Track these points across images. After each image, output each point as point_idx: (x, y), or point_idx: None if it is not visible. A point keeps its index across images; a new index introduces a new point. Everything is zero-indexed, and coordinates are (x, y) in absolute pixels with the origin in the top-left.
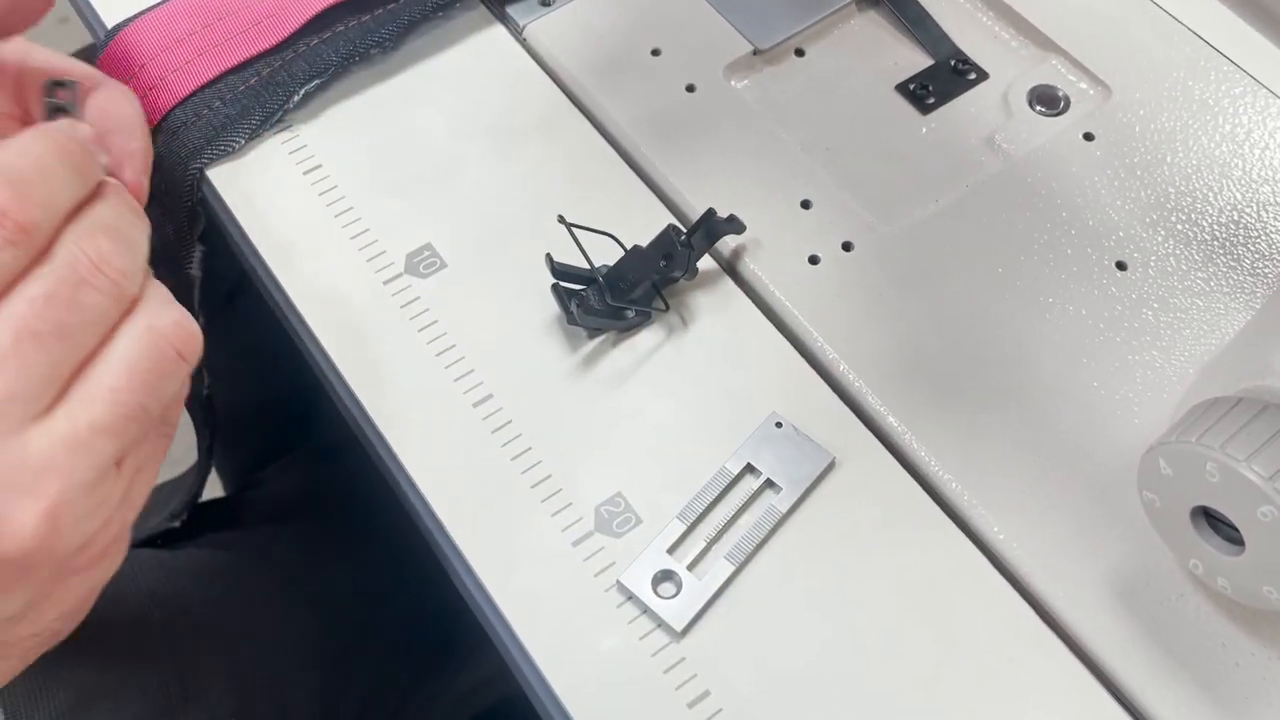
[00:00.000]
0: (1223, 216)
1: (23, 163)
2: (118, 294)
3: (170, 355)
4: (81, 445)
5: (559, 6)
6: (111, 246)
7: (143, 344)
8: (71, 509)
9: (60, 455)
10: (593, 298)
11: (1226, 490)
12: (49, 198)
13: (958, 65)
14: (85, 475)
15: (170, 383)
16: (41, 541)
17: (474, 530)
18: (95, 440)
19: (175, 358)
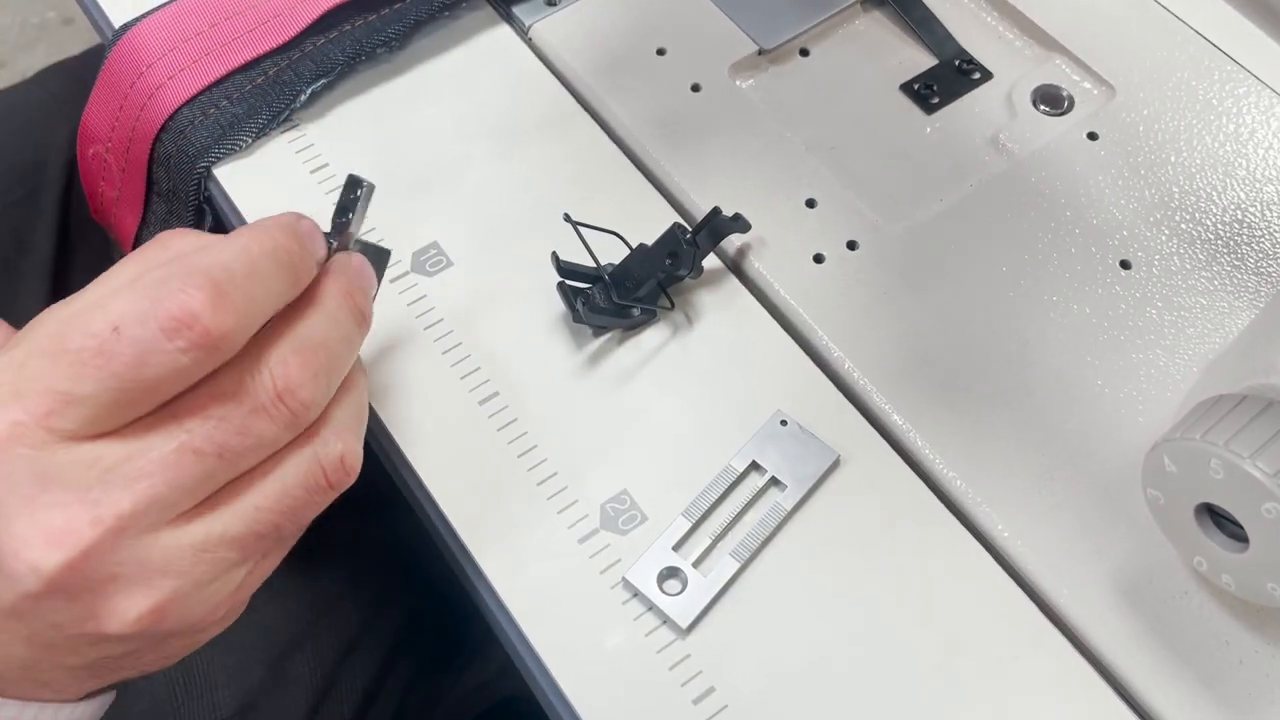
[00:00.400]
0: (1226, 216)
1: (233, 262)
2: (293, 425)
3: (322, 486)
4: (208, 553)
5: (564, 6)
6: (302, 375)
7: (302, 473)
8: (180, 605)
9: (185, 559)
10: (598, 296)
11: (1231, 487)
12: (249, 304)
13: (962, 65)
14: (203, 578)
15: (313, 510)
16: (144, 629)
17: (480, 527)
18: (223, 550)
19: (325, 488)
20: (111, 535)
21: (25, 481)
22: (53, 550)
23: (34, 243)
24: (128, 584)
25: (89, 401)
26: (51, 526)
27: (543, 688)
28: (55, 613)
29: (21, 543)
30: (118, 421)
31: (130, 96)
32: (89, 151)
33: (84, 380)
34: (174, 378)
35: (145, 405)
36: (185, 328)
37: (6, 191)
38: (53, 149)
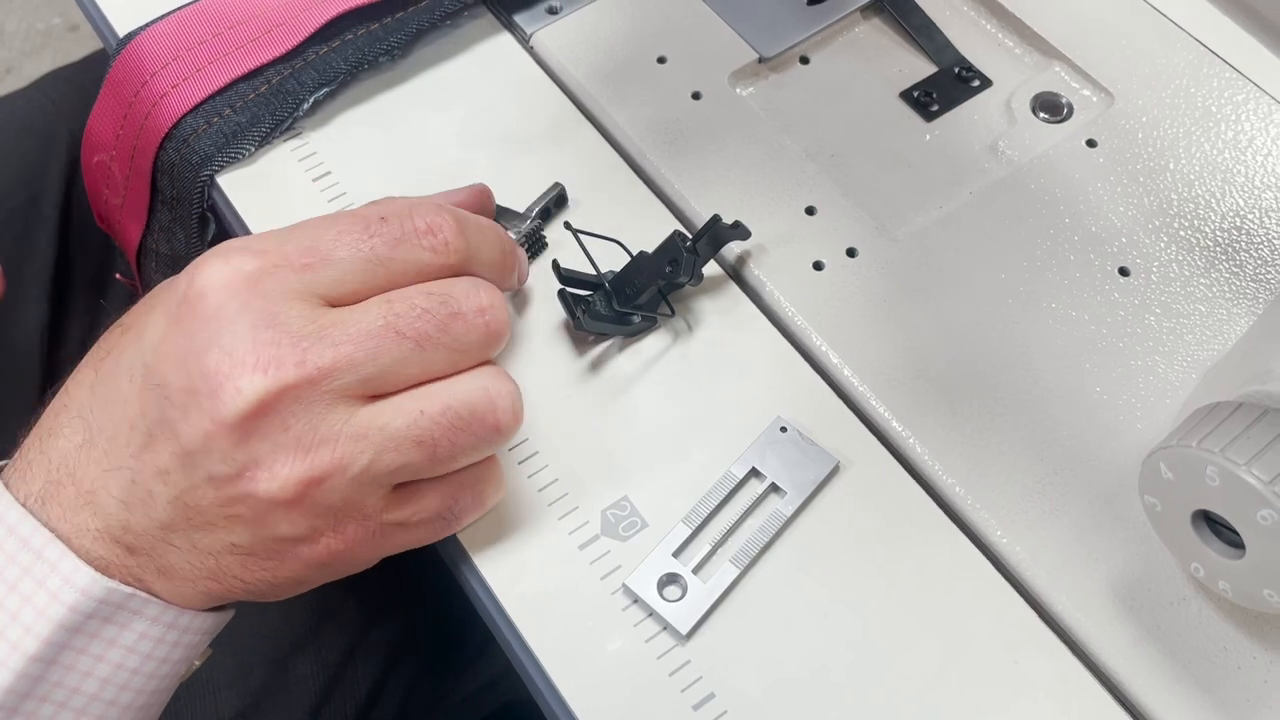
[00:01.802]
0: (1225, 223)
1: (472, 216)
2: (482, 341)
3: (488, 421)
4: (363, 441)
5: (566, 14)
6: (497, 308)
7: (473, 394)
8: (329, 486)
9: (346, 435)
10: (599, 303)
11: (1227, 494)
12: (478, 244)
13: (961, 72)
14: (354, 464)
15: (469, 439)
16: (290, 497)
17: (481, 534)
18: (379, 439)
19: (490, 426)
20: (307, 383)
21: (260, 314)
22: (260, 377)
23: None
24: (294, 445)
25: (340, 265)
26: (266, 357)
27: (544, 694)
28: (221, 458)
29: (238, 363)
30: (353, 293)
31: (134, 105)
32: (93, 159)
33: (343, 245)
34: (414, 268)
35: (381, 284)
36: (433, 232)
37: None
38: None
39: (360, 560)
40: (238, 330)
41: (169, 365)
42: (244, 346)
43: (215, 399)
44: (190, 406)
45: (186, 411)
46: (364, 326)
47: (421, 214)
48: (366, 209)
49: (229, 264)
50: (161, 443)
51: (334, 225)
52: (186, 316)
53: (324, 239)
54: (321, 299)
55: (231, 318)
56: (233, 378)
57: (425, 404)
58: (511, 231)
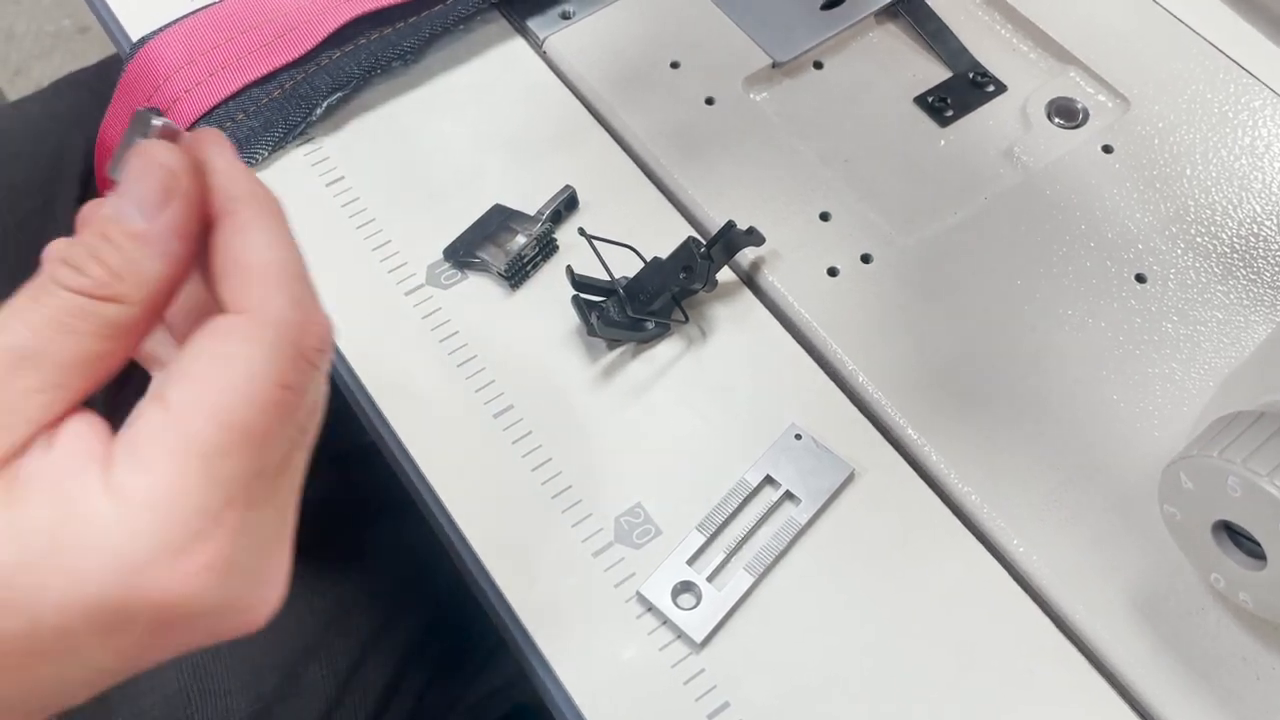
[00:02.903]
0: (1242, 229)
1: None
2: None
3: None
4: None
5: (579, 19)
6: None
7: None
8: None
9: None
10: (613, 309)
11: (1249, 505)
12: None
13: (976, 78)
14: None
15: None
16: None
17: (494, 541)
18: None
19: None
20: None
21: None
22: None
23: None
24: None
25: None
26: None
27: (556, 701)
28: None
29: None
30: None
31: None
32: (107, 164)
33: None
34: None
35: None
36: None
37: (24, 201)
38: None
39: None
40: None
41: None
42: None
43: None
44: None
45: None
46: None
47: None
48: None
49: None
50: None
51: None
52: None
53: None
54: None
55: None
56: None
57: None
58: (522, 235)
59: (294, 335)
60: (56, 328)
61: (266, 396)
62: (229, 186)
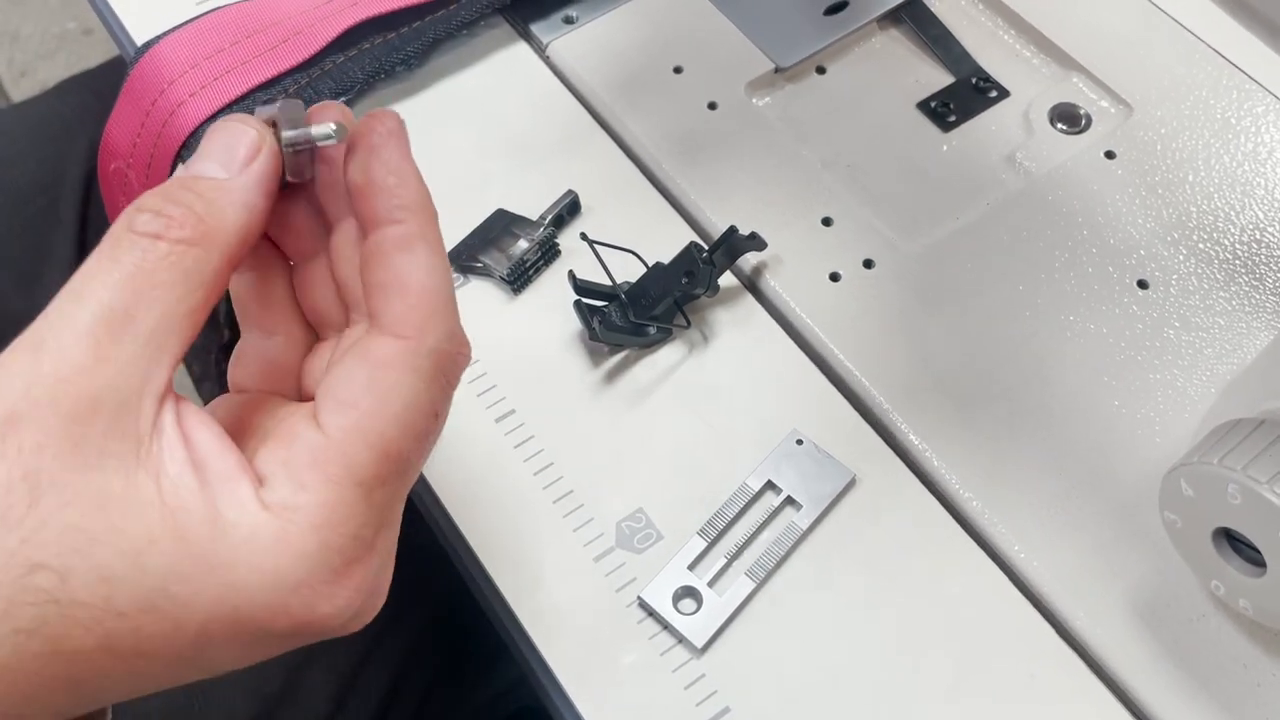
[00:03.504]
0: (1245, 235)
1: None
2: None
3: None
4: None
5: (582, 24)
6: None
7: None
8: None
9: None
10: (615, 314)
11: (1248, 512)
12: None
13: (979, 83)
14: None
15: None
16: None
17: (496, 545)
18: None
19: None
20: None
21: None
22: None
23: (54, 252)
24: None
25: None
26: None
27: (558, 706)
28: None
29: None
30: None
31: (152, 113)
32: (110, 167)
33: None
34: None
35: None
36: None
37: (28, 202)
38: (72, 160)
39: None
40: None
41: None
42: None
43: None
44: None
45: None
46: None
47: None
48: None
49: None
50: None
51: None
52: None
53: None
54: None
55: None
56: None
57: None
58: (524, 240)
59: (447, 365)
60: (143, 282)
61: (421, 426)
62: (399, 190)
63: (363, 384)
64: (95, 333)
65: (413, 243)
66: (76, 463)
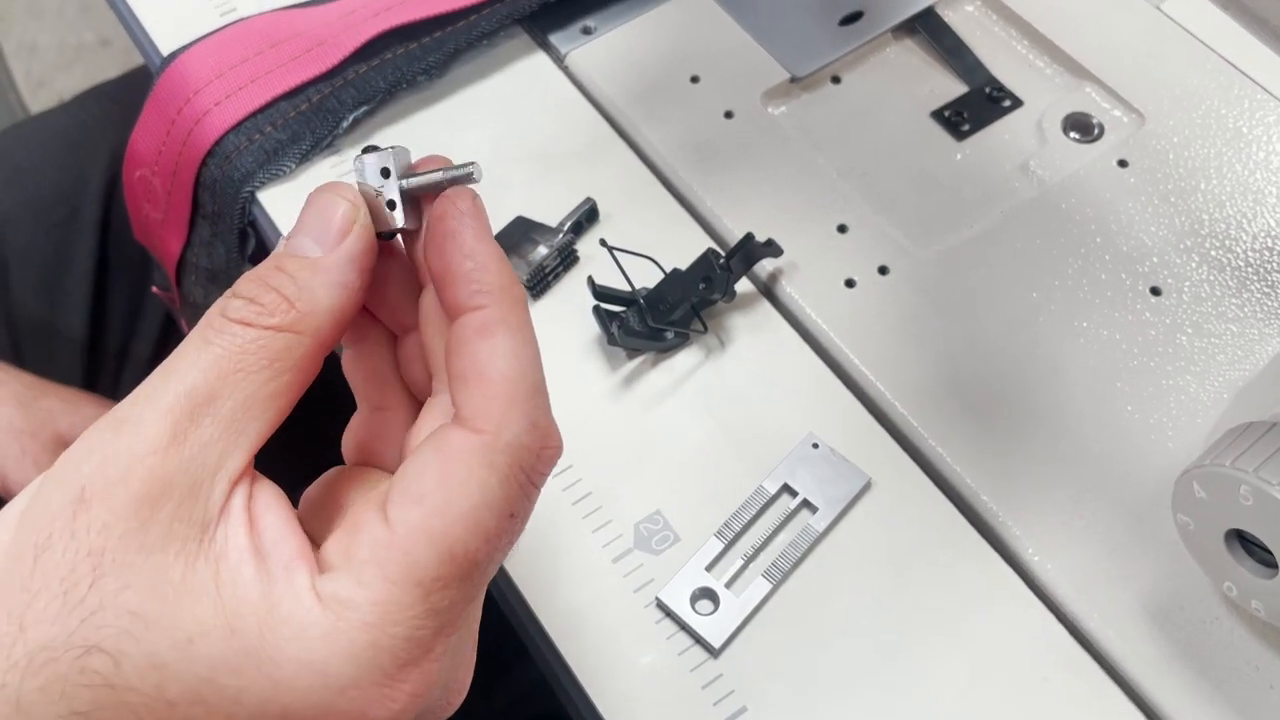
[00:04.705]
0: (1257, 243)
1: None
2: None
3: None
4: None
5: (600, 35)
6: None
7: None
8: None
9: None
10: (633, 319)
11: (1260, 514)
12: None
13: (992, 92)
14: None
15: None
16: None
17: (517, 546)
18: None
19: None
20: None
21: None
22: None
23: (75, 260)
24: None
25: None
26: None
27: (577, 705)
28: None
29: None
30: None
31: (177, 122)
32: (135, 174)
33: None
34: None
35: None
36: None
37: (50, 210)
38: (93, 169)
39: None
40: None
41: None
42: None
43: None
44: None
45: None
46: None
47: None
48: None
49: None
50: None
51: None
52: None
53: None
54: None
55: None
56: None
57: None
58: (544, 246)
59: (528, 461)
60: (229, 366)
61: (492, 527)
62: (479, 274)
63: (433, 480)
64: (175, 413)
65: (493, 329)
66: (141, 544)
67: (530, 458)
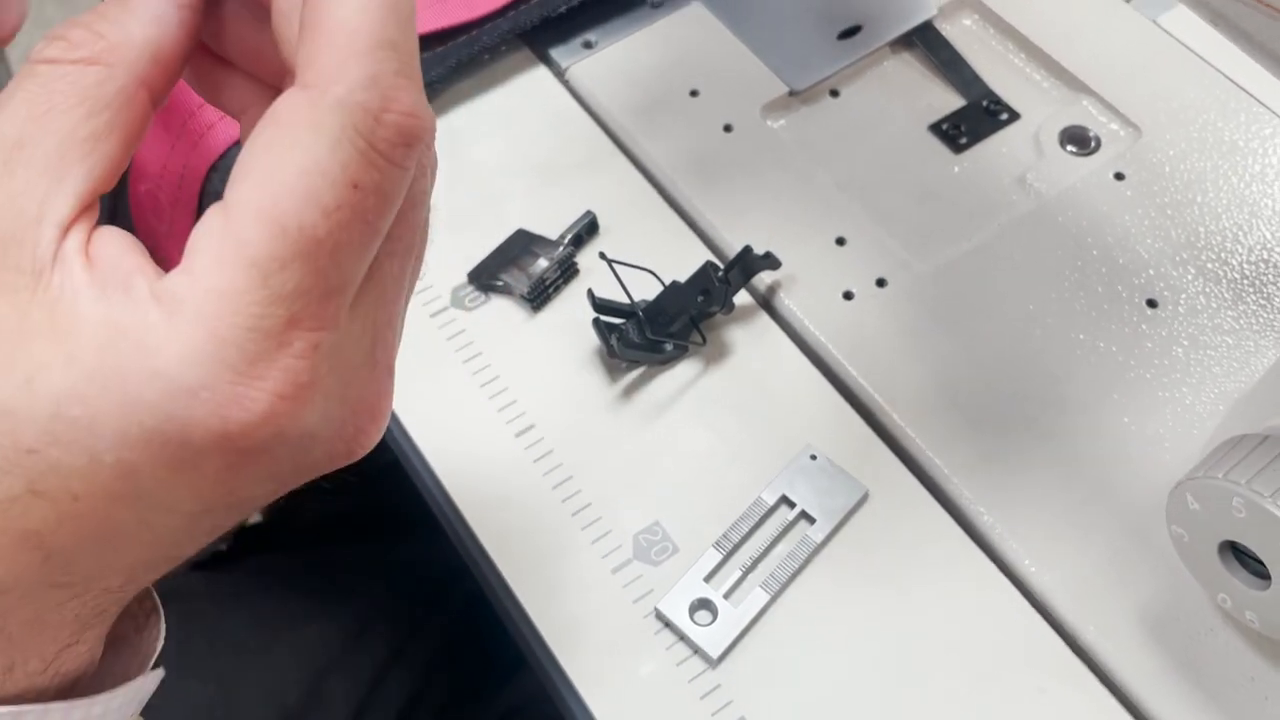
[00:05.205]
0: (1252, 255)
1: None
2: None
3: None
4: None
5: (601, 49)
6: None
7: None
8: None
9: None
10: (632, 331)
11: (1253, 525)
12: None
13: (990, 106)
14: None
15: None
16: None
17: (516, 557)
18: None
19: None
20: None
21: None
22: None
23: None
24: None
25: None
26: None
27: (576, 715)
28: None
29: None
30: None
31: (182, 135)
32: (140, 188)
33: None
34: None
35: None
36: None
37: None
38: None
39: None
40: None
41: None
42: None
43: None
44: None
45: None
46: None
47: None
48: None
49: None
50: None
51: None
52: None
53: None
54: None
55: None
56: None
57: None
58: (544, 259)
59: (365, 124)
60: (38, 108)
61: (328, 197)
62: None
63: (260, 148)
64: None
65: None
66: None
67: (368, 120)
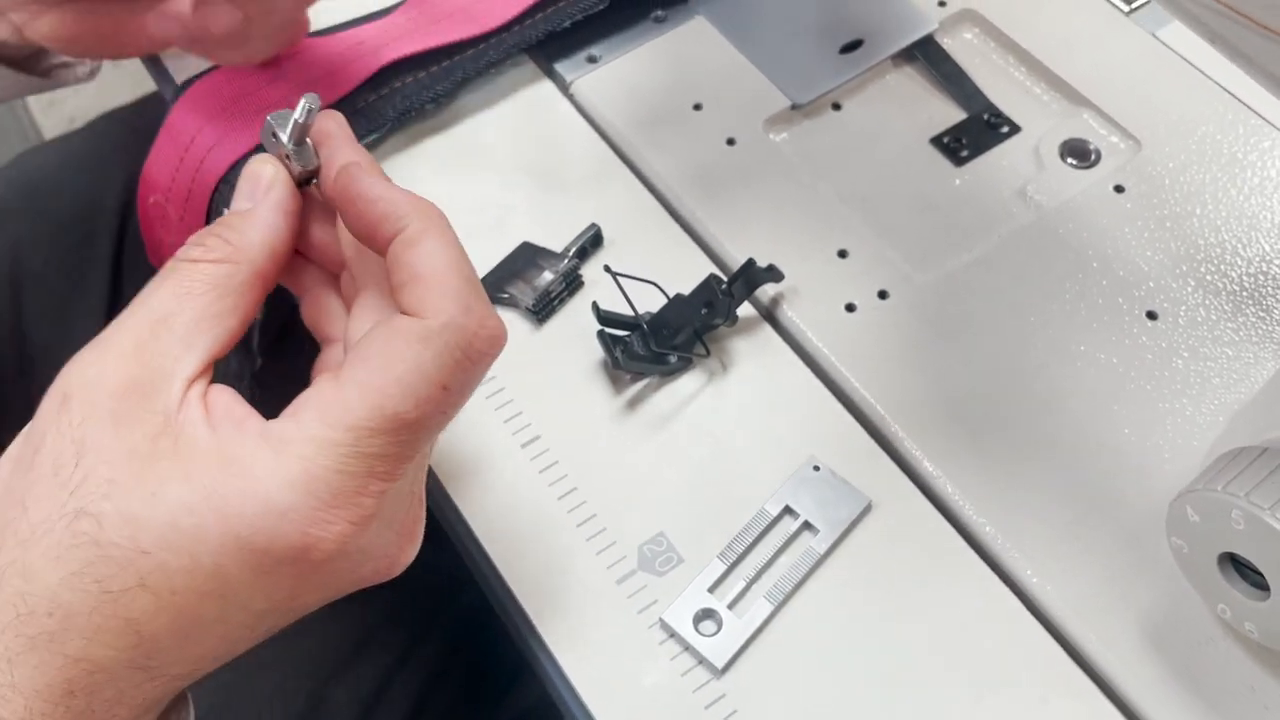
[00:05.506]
0: (1252, 267)
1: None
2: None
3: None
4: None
5: (605, 63)
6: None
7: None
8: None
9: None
10: (637, 344)
11: (1252, 537)
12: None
13: (990, 119)
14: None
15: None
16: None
17: (521, 567)
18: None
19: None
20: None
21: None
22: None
23: (90, 283)
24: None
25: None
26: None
27: None
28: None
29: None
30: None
31: (191, 149)
32: (149, 200)
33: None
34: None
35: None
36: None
37: (64, 233)
38: (108, 193)
39: None
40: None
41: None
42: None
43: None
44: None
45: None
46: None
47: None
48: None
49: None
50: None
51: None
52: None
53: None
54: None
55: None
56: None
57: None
58: (549, 271)
59: (464, 340)
60: (180, 292)
61: (424, 393)
62: (390, 207)
63: (377, 348)
64: (138, 330)
65: (417, 239)
66: (114, 430)
67: (466, 336)
